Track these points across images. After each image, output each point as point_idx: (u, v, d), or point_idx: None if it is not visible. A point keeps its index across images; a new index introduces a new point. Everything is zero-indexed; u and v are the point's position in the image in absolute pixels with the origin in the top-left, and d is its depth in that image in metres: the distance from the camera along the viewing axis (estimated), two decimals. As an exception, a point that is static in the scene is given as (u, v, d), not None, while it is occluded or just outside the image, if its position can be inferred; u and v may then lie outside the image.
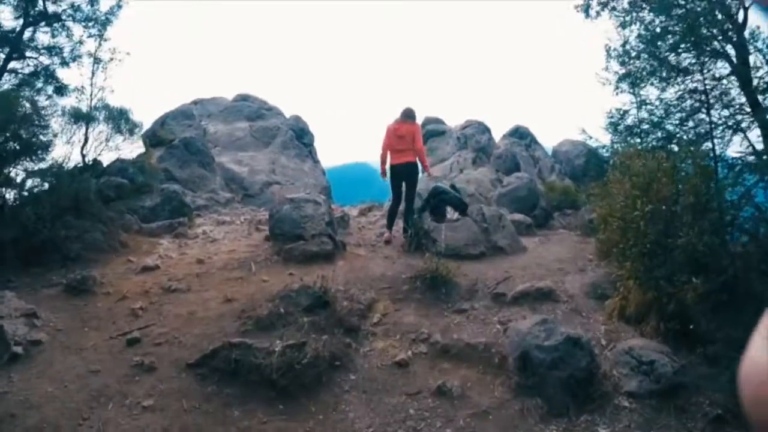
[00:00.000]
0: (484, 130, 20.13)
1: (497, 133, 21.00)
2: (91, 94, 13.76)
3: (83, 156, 12.82)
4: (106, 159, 13.79)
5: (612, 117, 13.92)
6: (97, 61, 14.45)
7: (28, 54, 15.57)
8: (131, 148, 14.57)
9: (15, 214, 9.96)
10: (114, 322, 7.05)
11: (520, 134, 21.25)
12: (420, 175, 10.47)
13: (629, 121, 13.96)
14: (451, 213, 10.54)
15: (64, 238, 9.91)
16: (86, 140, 12.79)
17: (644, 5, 13.23)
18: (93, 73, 13.96)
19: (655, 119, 13.60)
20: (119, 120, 12.42)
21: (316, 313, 6.50)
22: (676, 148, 12.19)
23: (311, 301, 6.63)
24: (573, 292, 7.74)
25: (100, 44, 14.86)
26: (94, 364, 5.97)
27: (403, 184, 10.10)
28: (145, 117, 18.27)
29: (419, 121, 21.48)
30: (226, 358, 5.59)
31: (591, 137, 13.83)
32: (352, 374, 5.96)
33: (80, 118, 12.17)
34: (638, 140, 13.25)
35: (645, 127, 13.93)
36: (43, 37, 15.57)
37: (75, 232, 10.19)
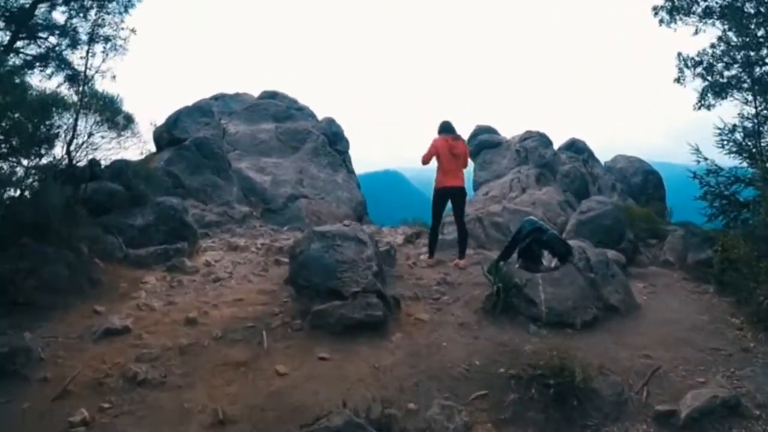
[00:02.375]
0: (548, 143, 17.20)
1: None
2: (84, 79, 11.18)
3: (69, 155, 10.14)
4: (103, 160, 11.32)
5: (723, 133, 11.34)
6: (95, 39, 11.98)
7: (41, 34, 13.40)
8: (131, 147, 12.04)
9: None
10: (33, 449, 4.26)
11: (577, 149, 18.38)
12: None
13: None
14: (547, 259, 7.78)
15: (12, 273, 7.22)
16: (73, 136, 10.11)
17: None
18: (88, 53, 11.37)
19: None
20: (109, 110, 9.67)
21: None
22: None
23: (364, 447, 3.70)
24: (761, 400, 4.97)
25: (101, 18, 12.39)
26: None
27: (451, 208, 9.33)
28: (161, 115, 15.65)
29: (471, 129, 18.75)
30: None
31: (705, 159, 11.21)
32: None
33: (58, 106, 9.43)
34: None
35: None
36: (60, 17, 13.34)
37: (30, 263, 7.50)
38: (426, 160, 9.03)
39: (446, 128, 9.12)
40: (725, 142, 11.13)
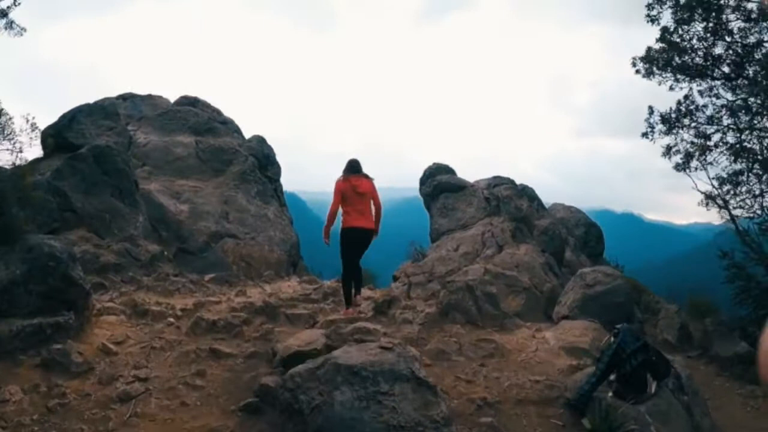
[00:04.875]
0: (522, 192, 14.82)
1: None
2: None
3: None
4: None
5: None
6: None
7: None
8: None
9: None
10: None
11: (529, 197, 16.14)
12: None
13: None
14: (650, 383, 5.87)
15: None
16: None
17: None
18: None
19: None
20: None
21: None
22: None
23: None
24: None
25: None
26: None
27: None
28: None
29: (424, 166, 15.99)
30: None
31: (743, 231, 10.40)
32: None
33: None
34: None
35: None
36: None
37: None
38: (334, 211, 8.44)
39: (350, 169, 8.58)
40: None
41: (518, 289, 11.07)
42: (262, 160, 15.36)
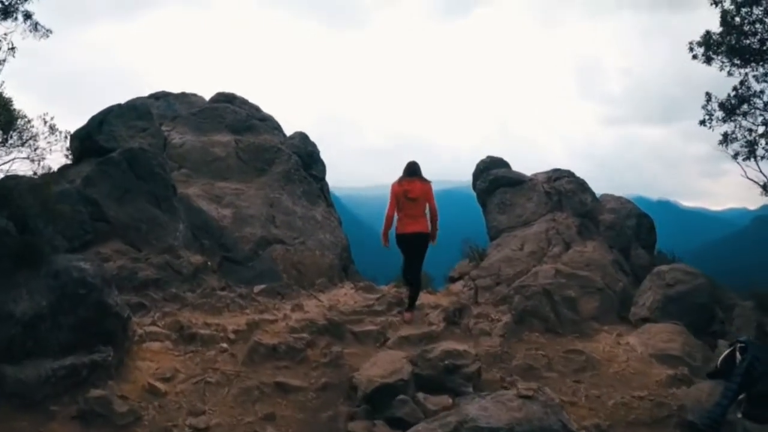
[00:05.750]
0: (584, 186, 13.61)
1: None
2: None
3: None
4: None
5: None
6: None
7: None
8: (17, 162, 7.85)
9: None
10: None
11: (581, 188, 14.97)
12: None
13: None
14: None
15: None
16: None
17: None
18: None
19: None
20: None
21: None
22: None
23: None
24: None
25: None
26: None
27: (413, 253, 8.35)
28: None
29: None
30: None
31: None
32: None
33: None
34: None
35: None
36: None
37: None
38: (389, 215, 8.34)
39: (405, 171, 8.42)
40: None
41: (592, 290, 10.15)
42: (305, 158, 14.33)
